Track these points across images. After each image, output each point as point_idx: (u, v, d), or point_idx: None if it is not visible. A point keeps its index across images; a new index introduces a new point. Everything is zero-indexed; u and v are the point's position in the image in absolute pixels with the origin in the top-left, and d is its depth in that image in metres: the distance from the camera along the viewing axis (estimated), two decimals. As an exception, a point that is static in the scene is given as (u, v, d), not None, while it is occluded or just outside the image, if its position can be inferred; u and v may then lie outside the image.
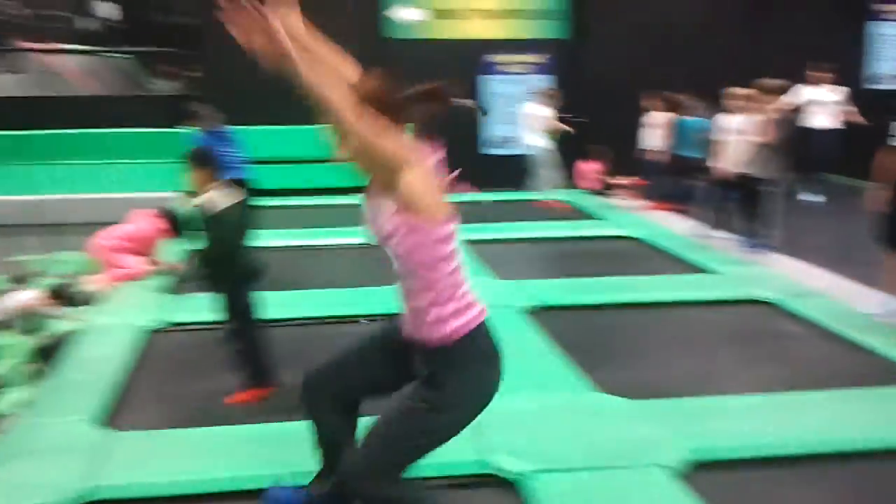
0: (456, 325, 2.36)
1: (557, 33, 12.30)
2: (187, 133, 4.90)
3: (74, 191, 10.43)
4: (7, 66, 13.79)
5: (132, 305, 6.19)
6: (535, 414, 4.17)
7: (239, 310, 4.45)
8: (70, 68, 14.05)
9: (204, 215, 4.30)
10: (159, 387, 4.76)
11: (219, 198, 4.31)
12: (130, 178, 10.31)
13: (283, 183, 10.42)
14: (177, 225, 6.77)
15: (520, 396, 4.35)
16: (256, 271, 4.56)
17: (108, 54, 14.17)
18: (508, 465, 3.63)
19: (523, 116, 10.55)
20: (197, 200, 4.38)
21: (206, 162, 4.39)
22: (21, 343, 5.41)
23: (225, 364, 4.55)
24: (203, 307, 4.89)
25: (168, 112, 10.89)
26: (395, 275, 2.46)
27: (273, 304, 5.66)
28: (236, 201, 4.38)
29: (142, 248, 7.17)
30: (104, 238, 7.20)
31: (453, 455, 3.72)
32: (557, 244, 8.36)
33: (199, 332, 5.29)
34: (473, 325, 2.39)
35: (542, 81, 11.93)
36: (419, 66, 11.53)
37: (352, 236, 8.22)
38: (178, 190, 5.13)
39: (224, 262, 4.37)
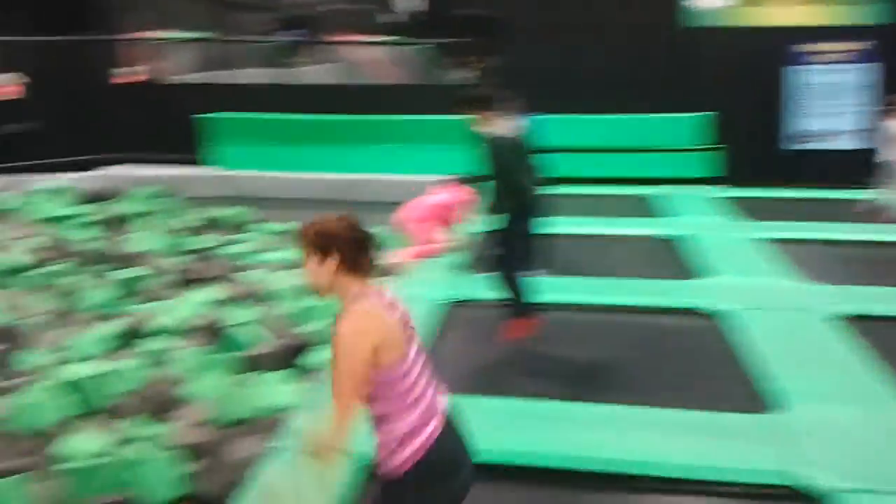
0: (406, 454, 2.33)
1: (883, 17, 11.08)
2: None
3: (377, 171, 11.18)
4: (320, 56, 15.16)
5: (430, 280, 6.52)
6: (852, 428, 3.83)
7: (512, 240, 4.86)
8: (375, 58, 15.09)
9: (485, 141, 4.86)
10: (457, 356, 4.96)
11: (499, 127, 4.96)
12: (429, 162, 10.78)
13: (577, 171, 10.34)
14: (478, 180, 6.93)
15: (834, 408, 4.05)
16: (536, 203, 4.96)
17: (411, 45, 14.99)
18: (817, 480, 3.36)
19: (888, 138, 8.79)
20: (481, 128, 4.94)
21: (487, 103, 4.99)
22: (330, 306, 5.86)
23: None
24: (495, 285, 5.09)
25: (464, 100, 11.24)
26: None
27: (561, 289, 5.84)
28: (515, 133, 5.05)
29: (446, 217, 7.47)
30: (410, 210, 7.60)
31: (754, 463, 3.50)
32: (877, 248, 7.50)
33: (494, 308, 5.36)
34: (427, 445, 2.34)
35: (865, 71, 10.84)
36: (719, 56, 11.06)
37: (639, 227, 8.15)
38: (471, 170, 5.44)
39: (501, 182, 4.81)
